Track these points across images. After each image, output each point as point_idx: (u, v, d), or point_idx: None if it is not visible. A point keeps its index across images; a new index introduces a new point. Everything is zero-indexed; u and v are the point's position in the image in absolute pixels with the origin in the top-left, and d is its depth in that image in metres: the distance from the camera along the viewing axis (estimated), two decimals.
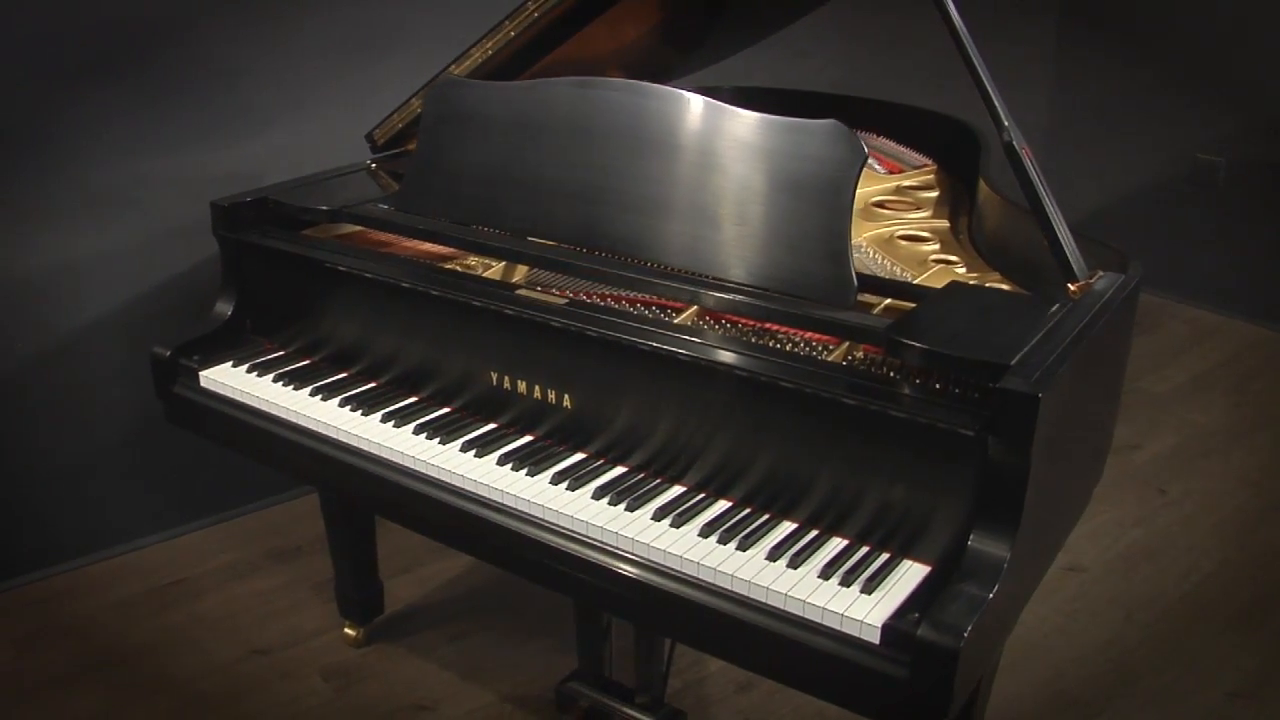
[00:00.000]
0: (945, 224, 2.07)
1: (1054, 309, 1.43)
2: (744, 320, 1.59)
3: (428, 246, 1.91)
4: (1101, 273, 1.59)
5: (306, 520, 2.73)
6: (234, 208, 1.95)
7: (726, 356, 1.43)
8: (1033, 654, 2.29)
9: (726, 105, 1.57)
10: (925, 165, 2.35)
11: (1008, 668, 2.24)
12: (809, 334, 1.54)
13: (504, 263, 1.81)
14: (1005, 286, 1.71)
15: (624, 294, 1.68)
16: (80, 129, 2.38)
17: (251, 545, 2.71)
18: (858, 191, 2.09)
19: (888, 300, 1.59)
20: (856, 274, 1.68)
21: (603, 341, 1.52)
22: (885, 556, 1.35)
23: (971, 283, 1.69)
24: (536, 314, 1.58)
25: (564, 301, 1.60)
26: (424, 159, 1.88)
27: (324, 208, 1.94)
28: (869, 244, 1.94)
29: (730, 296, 1.53)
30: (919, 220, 2.07)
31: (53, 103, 2.34)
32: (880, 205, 2.15)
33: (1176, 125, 4.07)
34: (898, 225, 2.02)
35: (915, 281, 1.70)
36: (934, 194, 2.22)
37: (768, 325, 1.57)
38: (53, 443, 2.53)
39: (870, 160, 2.26)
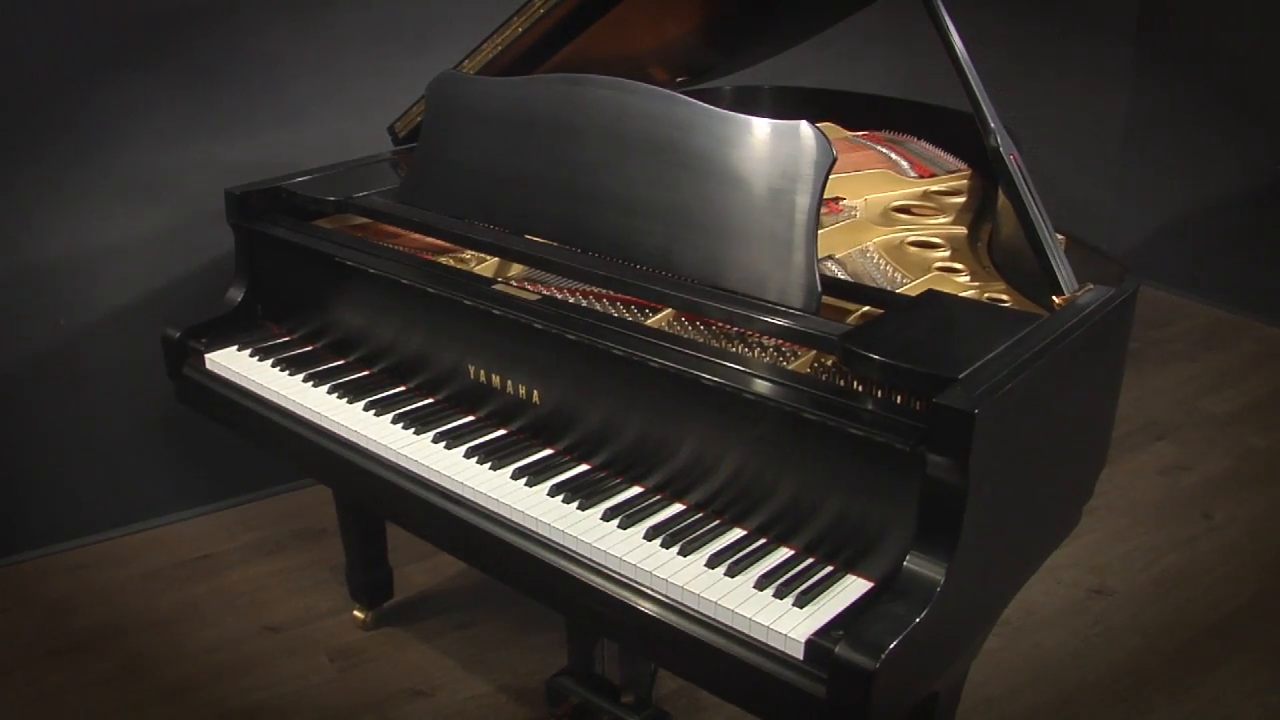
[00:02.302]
0: (963, 231, 2.01)
1: (1026, 323, 1.38)
2: (717, 323, 1.57)
3: (430, 239, 1.93)
4: (1091, 286, 1.52)
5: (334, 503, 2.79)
6: (246, 196, 2.01)
7: (685, 361, 1.41)
8: (1042, 677, 2.22)
9: (702, 103, 1.55)
10: (960, 170, 2.28)
11: (1013, 690, 2.18)
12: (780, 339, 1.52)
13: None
14: (1005, 298, 1.66)
15: (603, 291, 1.68)
16: (118, 114, 2.47)
17: (279, 525, 2.79)
18: (877, 196, 2.08)
19: (865, 307, 1.56)
20: (840, 280, 1.66)
21: (568, 340, 1.51)
22: (828, 570, 1.32)
23: (967, 293, 1.65)
24: (508, 310, 1.58)
25: (536, 298, 1.60)
26: (425, 152, 1.90)
27: (331, 198, 1.98)
28: (876, 249, 1.90)
29: (696, 299, 1.51)
30: (937, 226, 2.02)
31: (91, 88, 2.44)
32: (903, 210, 2.10)
33: (1254, 136, 3.88)
34: (912, 231, 1.97)
35: (907, 289, 1.66)
36: (960, 200, 2.16)
37: (740, 329, 1.55)
38: (92, 417, 2.64)
39: (903, 164, 2.22)
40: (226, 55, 2.56)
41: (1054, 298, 1.50)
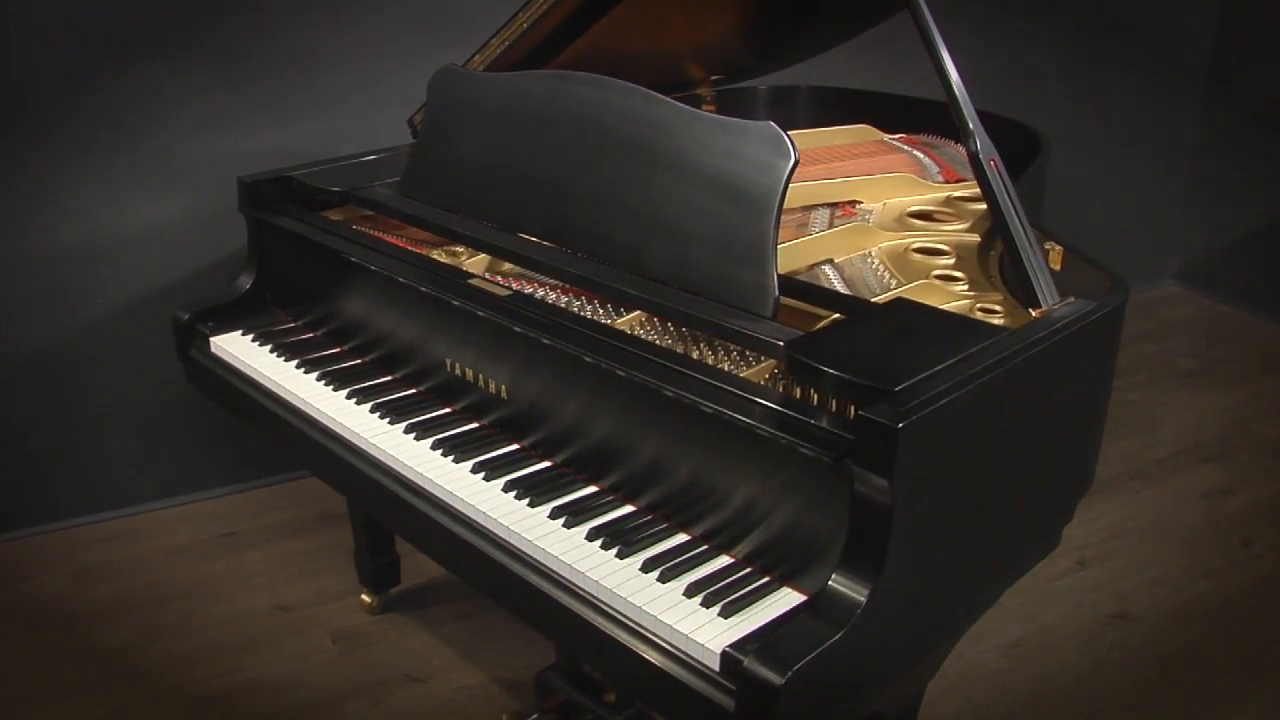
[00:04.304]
0: (976, 239, 1.95)
1: (987, 336, 1.33)
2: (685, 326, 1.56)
3: (427, 232, 1.95)
4: (1072, 299, 1.46)
5: None
6: (256, 185, 2.05)
7: (635, 364, 1.39)
8: (1047, 701, 2.14)
9: (675, 102, 1.53)
10: None
11: (1013, 712, 2.11)
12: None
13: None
14: (998, 309, 1.60)
15: (579, 288, 1.67)
16: (151, 100, 2.55)
17: (304, 507, 2.84)
18: (896, 200, 2.03)
19: (835, 314, 1.52)
20: (807, 285, 1.62)
21: (529, 338, 1.51)
22: (764, 581, 1.29)
23: (959, 303, 1.60)
24: (478, 305, 1.59)
25: (506, 293, 1.61)
26: (424, 146, 1.92)
27: (336, 189, 2.01)
28: (879, 254, 1.85)
29: (657, 300, 1.49)
30: (950, 233, 1.96)
31: (133, 77, 2.52)
32: (921, 215, 2.04)
33: None
34: (920, 237, 1.92)
35: (889, 295, 1.61)
36: (982, 207, 2.09)
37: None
38: (129, 392, 2.73)
39: (931, 168, 2.17)
40: (261, 45, 2.62)
41: (1030, 310, 1.44)
